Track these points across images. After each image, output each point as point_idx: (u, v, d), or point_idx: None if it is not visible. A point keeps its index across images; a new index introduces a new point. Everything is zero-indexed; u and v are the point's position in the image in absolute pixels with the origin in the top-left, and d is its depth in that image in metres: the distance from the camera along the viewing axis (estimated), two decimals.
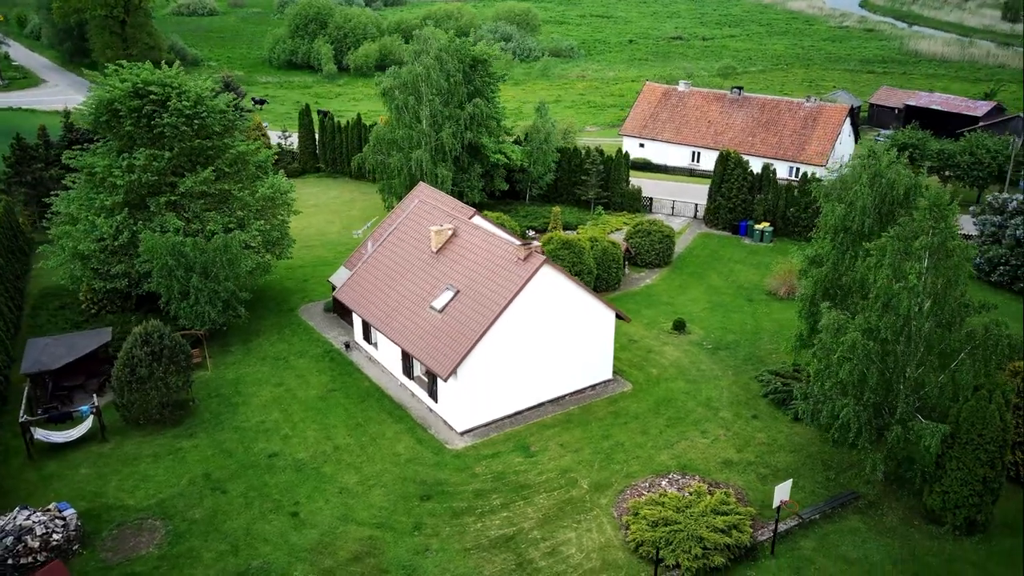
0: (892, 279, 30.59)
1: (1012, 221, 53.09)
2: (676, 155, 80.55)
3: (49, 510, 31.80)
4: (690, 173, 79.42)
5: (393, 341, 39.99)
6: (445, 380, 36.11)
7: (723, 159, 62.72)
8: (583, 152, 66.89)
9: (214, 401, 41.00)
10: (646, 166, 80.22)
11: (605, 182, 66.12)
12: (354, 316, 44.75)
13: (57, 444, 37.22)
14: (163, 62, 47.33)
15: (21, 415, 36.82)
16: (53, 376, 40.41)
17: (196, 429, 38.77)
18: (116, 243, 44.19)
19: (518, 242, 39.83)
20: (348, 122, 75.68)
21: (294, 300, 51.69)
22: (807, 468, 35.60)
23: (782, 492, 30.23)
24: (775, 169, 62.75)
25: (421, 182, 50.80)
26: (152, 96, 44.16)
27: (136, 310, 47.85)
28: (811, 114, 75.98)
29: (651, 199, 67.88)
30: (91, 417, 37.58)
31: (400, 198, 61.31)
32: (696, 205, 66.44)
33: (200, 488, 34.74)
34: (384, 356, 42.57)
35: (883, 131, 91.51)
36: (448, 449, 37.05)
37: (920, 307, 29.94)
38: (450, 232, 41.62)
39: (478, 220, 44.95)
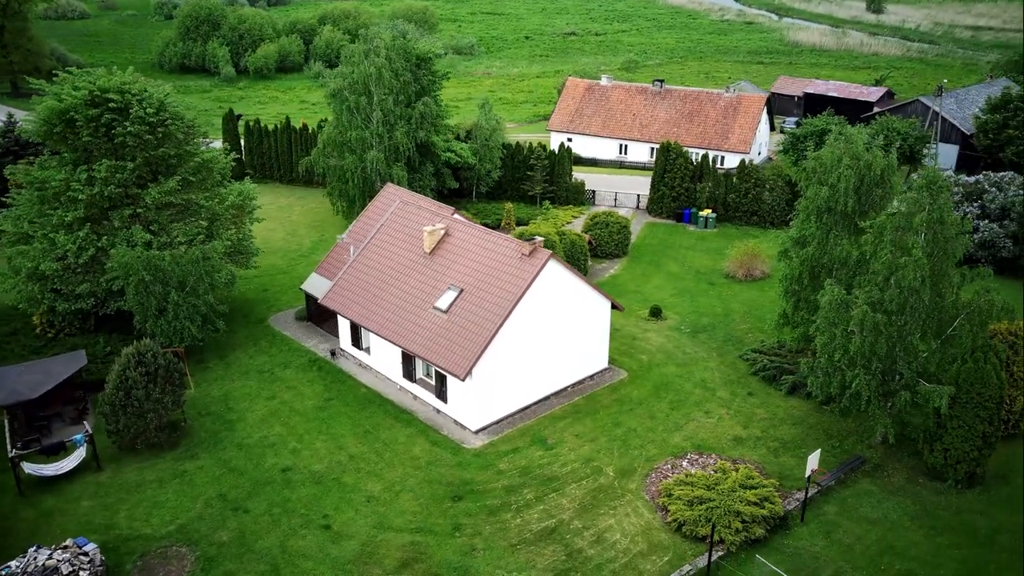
0: (895, 254, 32.68)
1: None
2: (604, 148, 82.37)
3: (67, 547, 29.94)
4: (620, 165, 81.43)
5: (395, 344, 39.49)
6: (463, 380, 36.01)
7: (664, 150, 64.71)
8: (526, 148, 67.51)
9: (207, 419, 39.38)
10: (576, 160, 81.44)
11: (550, 177, 67.02)
12: (340, 322, 43.85)
13: (46, 477, 34.94)
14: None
15: (10, 450, 34.35)
16: (27, 406, 37.78)
17: (196, 450, 37.16)
18: (80, 261, 41.66)
19: (512, 239, 40.08)
20: (277, 126, 73.59)
21: (260, 311, 50.08)
22: (811, 438, 37.54)
23: (813, 461, 31.86)
24: (715, 158, 65.21)
25: (389, 183, 50.14)
26: (111, 104, 41.80)
27: (96, 331, 45.26)
28: (731, 104, 79.28)
29: (594, 191, 69.29)
30: (84, 446, 35.45)
31: (354, 201, 60.41)
32: (638, 196, 68.25)
33: (219, 510, 33.41)
34: (379, 361, 41.94)
35: (788, 118, 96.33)
36: (466, 448, 36.99)
37: (923, 279, 32.10)
38: (442, 232, 41.42)
39: (458, 219, 44.83)
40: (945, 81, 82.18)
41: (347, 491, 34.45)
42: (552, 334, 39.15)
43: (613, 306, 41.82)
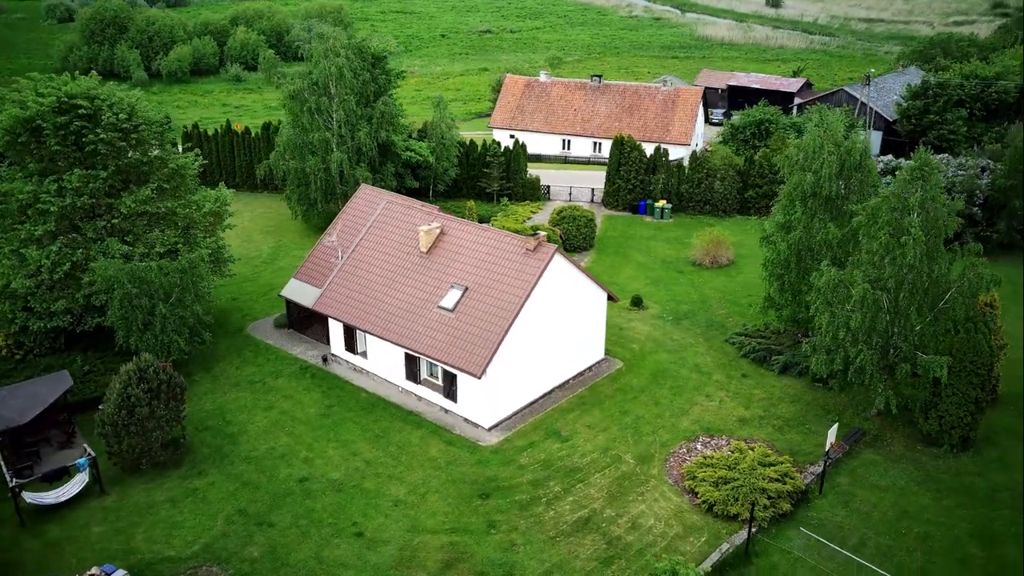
0: (892, 234, 34.43)
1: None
2: (547, 144, 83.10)
3: (94, 575, 28.54)
4: (564, 161, 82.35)
5: (398, 346, 39.05)
6: (479, 378, 35.94)
7: (619, 144, 65.92)
8: (479, 146, 67.58)
9: (206, 435, 38.06)
10: None
11: (507, 174, 67.27)
12: (331, 327, 43.02)
13: (45, 506, 33.11)
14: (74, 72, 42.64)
15: (9, 479, 32.37)
16: (14, 433, 35.61)
17: (203, 466, 35.89)
18: (55, 277, 39.52)
19: (512, 235, 40.22)
20: (217, 130, 71.29)
21: (236, 320, 48.60)
22: (811, 415, 39.13)
23: (832, 435, 33.28)
24: (667, 150, 66.82)
25: (364, 184, 49.37)
26: (81, 110, 39.79)
27: (67, 350, 43.00)
28: (669, 97, 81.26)
29: (548, 187, 69.93)
30: (86, 470, 33.73)
31: (314, 204, 59.24)
32: (593, 190, 69.27)
33: (242, 525, 32.40)
34: (377, 364, 41.36)
35: (715, 110, 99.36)
36: (483, 446, 36.96)
37: (921, 256, 33.93)
38: (438, 231, 41.16)
39: (452, 217, 44.61)
40: (872, 71, 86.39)
41: (371, 497, 33.94)
42: (556, 327, 39.51)
43: (609, 297, 42.48)
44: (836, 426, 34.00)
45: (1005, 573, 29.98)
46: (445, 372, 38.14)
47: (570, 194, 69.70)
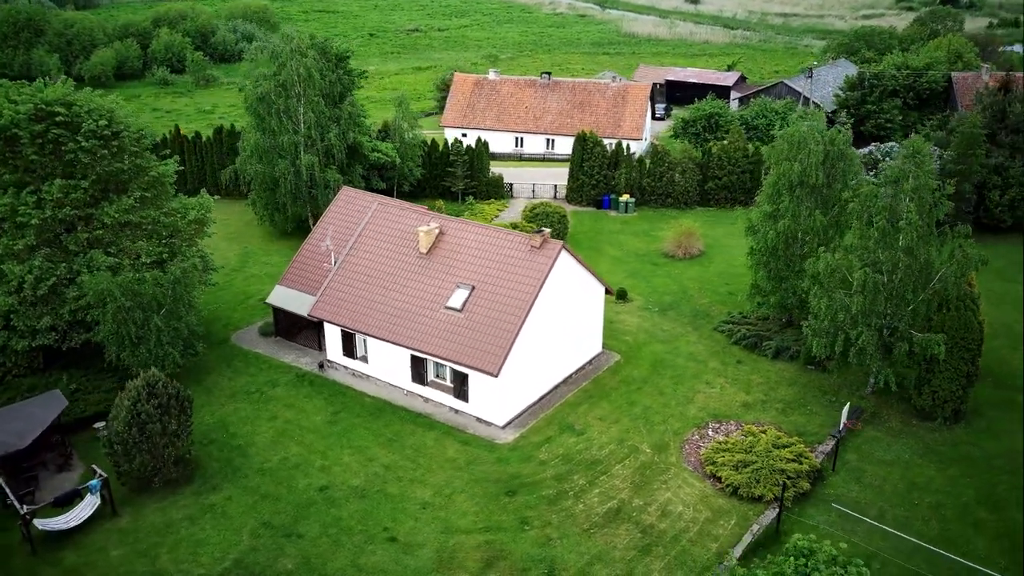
0: (889, 219, 35.97)
1: None
2: (501, 142, 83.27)
3: None
4: (519, 158, 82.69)
5: (406, 348, 38.71)
6: (496, 376, 35.96)
7: (581, 140, 66.66)
8: (442, 145, 67.32)
9: (212, 448, 36.99)
10: None
11: (471, 172, 67.21)
12: (327, 333, 42.30)
13: (55, 532, 31.65)
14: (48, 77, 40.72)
15: (20, 507, 30.79)
16: (13, 458, 33.86)
17: (215, 481, 34.87)
18: (39, 293, 37.69)
19: (514, 232, 40.34)
20: (166, 136, 68.98)
21: (217, 330, 47.25)
22: (810, 396, 40.52)
23: (845, 414, 34.55)
24: (629, 145, 67.89)
25: (345, 187, 48.66)
26: (58, 118, 38.03)
27: (46, 369, 41.04)
28: (619, 93, 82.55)
29: (511, 184, 70.18)
30: (98, 492, 32.36)
31: (283, 209, 58.05)
32: (555, 186, 69.84)
33: (270, 538, 31.66)
34: (380, 368, 40.87)
35: (657, 105, 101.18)
36: (500, 444, 37.00)
37: (918, 238, 35.56)
38: (437, 231, 40.93)
39: (447, 217, 44.40)
40: (815, 63, 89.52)
41: (397, 501, 33.61)
42: (561, 323, 39.82)
43: (608, 291, 43.03)
44: (848, 405, 35.31)
45: (1015, 535, 31.73)
46: (455, 372, 38.00)
47: (533, 191, 70.09)
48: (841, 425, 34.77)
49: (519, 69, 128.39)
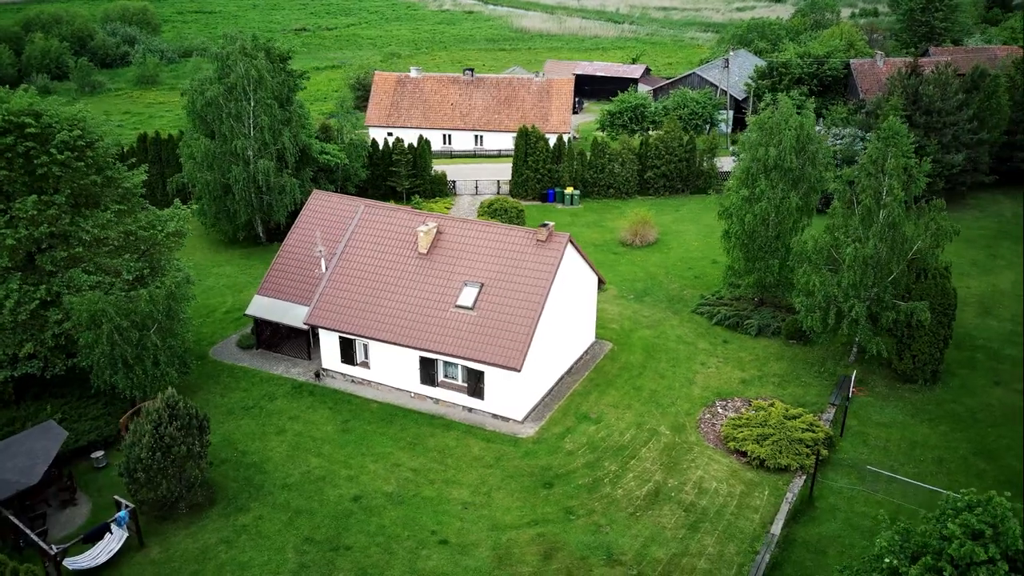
0: (872, 198, 38.33)
1: None
2: (429, 140, 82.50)
3: None
4: (450, 156, 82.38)
5: (419, 350, 38.19)
6: (519, 371, 36.05)
7: (523, 135, 67.18)
8: (382, 144, 66.37)
9: (227, 468, 35.44)
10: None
11: (415, 171, 66.56)
12: (323, 341, 41.15)
13: (82, 570, 29.65)
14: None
15: (49, 548, 28.59)
16: (21, 496, 31.40)
17: (241, 501, 33.46)
18: (19, 318, 34.98)
19: (515, 227, 40.50)
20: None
21: (192, 345, 44.98)
22: (800, 369, 42.61)
23: (852, 381, 36.58)
24: (571, 139, 68.88)
25: (316, 190, 47.34)
26: (28, 130, 35.35)
27: (18, 400, 38.15)
28: (543, 88, 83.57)
29: (454, 182, 69.93)
30: (126, 524, 30.48)
31: (235, 217, 55.87)
32: (498, 181, 70.09)
33: (318, 554, 30.71)
34: (383, 373, 40.13)
35: (579, 99, 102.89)
36: (523, 439, 37.13)
37: (902, 213, 38.06)
38: (435, 230, 40.52)
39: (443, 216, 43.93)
40: (731, 53, 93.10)
41: (436, 503, 33.25)
42: (565, 314, 40.28)
43: (601, 281, 43.81)
44: (855, 373, 37.41)
45: (1013, 480, 34.58)
46: (469, 370, 37.83)
47: (476, 188, 70.11)
48: (849, 392, 36.80)
49: (426, 67, 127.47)
